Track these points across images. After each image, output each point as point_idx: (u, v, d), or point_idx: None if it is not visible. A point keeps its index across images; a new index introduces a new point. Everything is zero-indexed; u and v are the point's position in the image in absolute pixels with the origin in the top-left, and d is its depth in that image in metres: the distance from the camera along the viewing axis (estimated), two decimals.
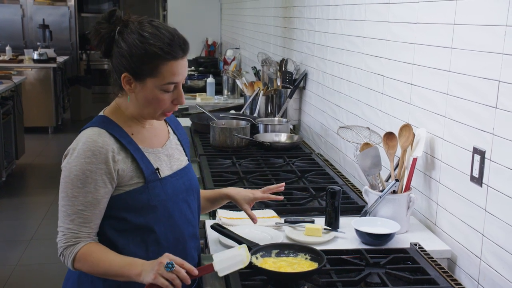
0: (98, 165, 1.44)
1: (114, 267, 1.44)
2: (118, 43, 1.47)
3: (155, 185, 1.52)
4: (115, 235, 1.51)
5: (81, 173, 1.44)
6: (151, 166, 1.53)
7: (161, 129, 1.66)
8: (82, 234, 1.47)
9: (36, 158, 6.45)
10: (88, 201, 1.45)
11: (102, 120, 1.53)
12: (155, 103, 1.49)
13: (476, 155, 1.65)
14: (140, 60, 1.44)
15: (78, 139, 1.49)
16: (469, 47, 1.69)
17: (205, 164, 2.68)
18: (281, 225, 1.95)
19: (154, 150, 1.57)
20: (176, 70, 1.47)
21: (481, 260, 1.65)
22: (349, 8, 2.71)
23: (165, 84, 1.47)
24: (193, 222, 1.64)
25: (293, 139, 3.16)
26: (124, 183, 1.49)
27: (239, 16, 6.50)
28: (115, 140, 1.49)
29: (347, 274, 1.61)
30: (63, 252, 1.48)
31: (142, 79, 1.47)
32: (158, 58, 1.44)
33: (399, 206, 1.91)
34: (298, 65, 3.65)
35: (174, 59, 1.46)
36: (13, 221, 4.60)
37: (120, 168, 1.47)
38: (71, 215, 1.46)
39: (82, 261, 1.46)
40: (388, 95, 2.27)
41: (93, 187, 1.45)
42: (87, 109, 8.61)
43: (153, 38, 1.44)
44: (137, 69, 1.45)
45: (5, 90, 5.40)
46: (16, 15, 9.19)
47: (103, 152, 1.45)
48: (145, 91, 1.48)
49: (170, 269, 1.36)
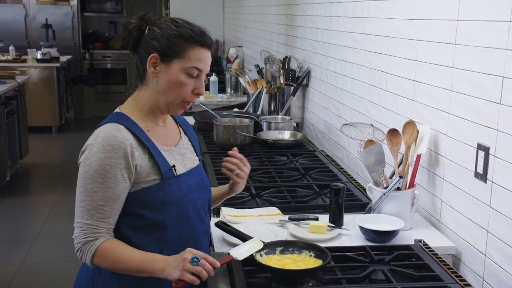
0: (117, 160, 1.44)
1: (135, 262, 1.44)
2: (150, 31, 1.53)
3: (171, 182, 1.53)
4: (131, 232, 1.51)
5: (101, 167, 1.44)
6: (167, 164, 1.54)
7: (174, 129, 1.68)
8: (101, 230, 1.46)
9: (40, 158, 6.46)
10: (108, 196, 1.45)
11: (119, 116, 1.53)
12: (177, 88, 1.51)
13: (480, 151, 1.65)
14: (171, 40, 1.50)
15: (96, 134, 1.48)
16: (472, 43, 1.69)
17: (208, 162, 2.68)
18: (285, 223, 1.95)
19: (168, 148, 1.58)
20: (203, 57, 1.52)
21: (486, 257, 1.65)
22: (352, 5, 2.71)
23: (191, 67, 1.51)
24: (205, 219, 1.65)
25: (297, 136, 3.15)
26: (141, 179, 1.49)
27: (242, 14, 6.50)
28: (133, 136, 1.49)
29: (351, 271, 1.61)
30: (81, 247, 1.46)
31: (169, 60, 1.50)
32: (189, 40, 1.50)
33: (403, 203, 1.91)
34: (301, 63, 3.64)
35: (203, 46, 1.52)
36: (17, 221, 4.61)
37: (138, 164, 1.48)
38: (90, 210, 1.45)
39: (102, 256, 1.45)
40: (392, 92, 2.27)
41: (112, 182, 1.44)
42: (90, 108, 8.62)
43: (187, 25, 1.53)
44: (167, 49, 1.50)
45: (9, 89, 5.40)
46: (19, 14, 9.20)
47: (122, 146, 1.45)
48: (169, 73, 1.51)
49: (196, 263, 1.39)
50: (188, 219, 1.57)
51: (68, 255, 3.87)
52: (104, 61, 10.57)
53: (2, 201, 5.03)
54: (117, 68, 10.59)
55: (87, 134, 1.57)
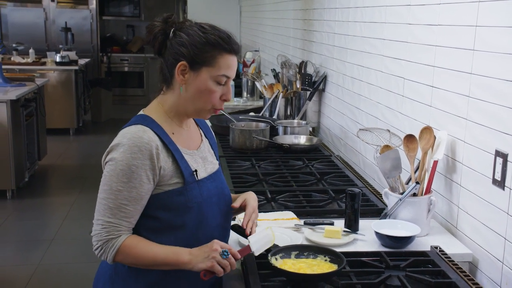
0: (143, 161, 1.46)
1: (160, 256, 1.47)
2: (176, 36, 1.52)
3: (193, 187, 1.54)
4: (150, 234, 1.52)
5: (127, 168, 1.45)
6: (190, 168, 1.55)
7: (195, 132, 1.69)
8: (123, 228, 1.47)
9: (57, 159, 6.53)
10: (132, 196, 1.46)
11: (144, 119, 1.54)
12: (206, 95, 1.52)
13: (498, 158, 1.63)
14: (200, 48, 1.50)
15: (122, 135, 1.49)
16: (491, 49, 1.68)
17: (224, 166, 2.69)
18: (300, 227, 1.95)
19: (191, 152, 1.59)
20: (231, 64, 1.53)
21: (504, 264, 1.63)
22: (369, 10, 2.71)
23: (220, 75, 1.51)
24: (224, 225, 1.65)
25: (313, 141, 3.15)
26: (164, 182, 1.50)
27: (259, 19, 6.52)
28: (158, 138, 1.51)
29: (366, 276, 1.61)
30: (103, 245, 1.47)
31: (197, 68, 1.51)
32: (217, 48, 1.50)
33: (420, 208, 1.90)
34: (318, 67, 3.64)
35: (231, 52, 1.52)
36: (35, 221, 4.67)
37: (162, 166, 1.49)
38: (113, 208, 1.46)
39: (126, 253, 1.46)
40: (409, 98, 2.26)
41: (138, 183, 1.46)
42: (107, 111, 8.70)
43: (214, 31, 1.52)
44: (196, 57, 1.50)
45: (28, 92, 5.48)
46: (39, 18, 9.34)
47: (148, 148, 1.46)
48: (198, 81, 1.51)
49: (226, 256, 1.43)
50: (207, 223, 1.57)
51: (85, 256, 3.91)
52: (121, 64, 10.66)
53: (20, 202, 5.10)
54: (134, 72, 10.68)
55: (104, 137, 1.60)
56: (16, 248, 4.22)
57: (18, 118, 5.20)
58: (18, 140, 5.18)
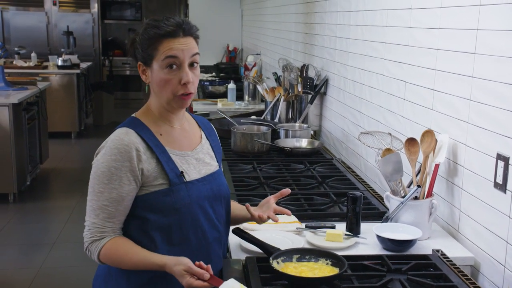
0: (123, 163, 1.50)
1: (140, 265, 1.49)
2: (136, 41, 1.59)
3: (179, 188, 1.55)
4: (140, 235, 1.54)
5: (107, 169, 1.50)
6: (176, 169, 1.56)
7: (193, 133, 1.69)
8: (107, 229, 1.52)
9: (59, 163, 6.54)
10: (113, 197, 1.50)
11: (132, 121, 1.59)
12: (164, 85, 1.54)
13: (499, 161, 1.63)
14: (144, 46, 1.55)
15: (108, 138, 1.55)
16: (492, 52, 1.68)
17: (226, 169, 2.70)
18: (302, 230, 1.95)
19: (182, 153, 1.60)
20: (172, 46, 1.52)
21: (506, 268, 1.63)
22: (371, 13, 2.71)
23: (164, 59, 1.52)
24: (218, 227, 1.65)
25: (314, 144, 3.15)
26: (148, 183, 1.53)
27: (260, 22, 6.53)
28: (141, 140, 1.53)
29: (368, 280, 1.61)
30: (89, 247, 1.53)
31: (149, 64, 1.55)
32: (155, 37, 1.53)
33: (421, 212, 1.90)
34: (319, 71, 3.65)
35: (170, 36, 1.52)
36: (37, 225, 4.67)
37: (144, 168, 1.52)
38: (96, 209, 1.52)
39: (108, 255, 1.51)
40: (410, 101, 2.26)
41: (118, 184, 1.49)
42: (109, 114, 8.72)
43: (153, 23, 1.55)
44: (144, 55, 1.55)
45: (30, 95, 5.49)
46: (41, 22, 9.36)
47: (127, 150, 1.50)
48: (154, 75, 1.55)
49: None
50: (199, 225, 1.58)
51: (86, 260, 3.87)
52: (123, 68, 10.69)
53: (22, 206, 5.11)
54: (136, 75, 10.68)
55: None
56: (18, 251, 4.22)
57: (20, 121, 5.21)
58: (20, 143, 5.18)
